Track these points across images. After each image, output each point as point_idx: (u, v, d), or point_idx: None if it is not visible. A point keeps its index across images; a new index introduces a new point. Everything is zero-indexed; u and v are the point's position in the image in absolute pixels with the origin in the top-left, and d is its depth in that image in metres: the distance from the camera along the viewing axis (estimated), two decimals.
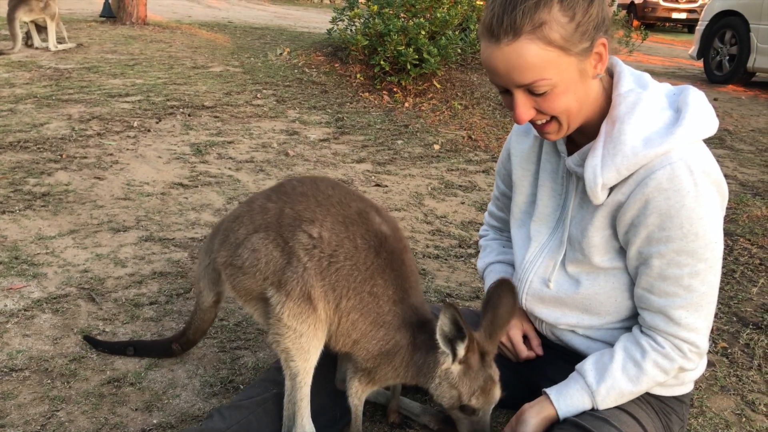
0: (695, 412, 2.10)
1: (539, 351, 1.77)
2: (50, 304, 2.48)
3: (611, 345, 1.62)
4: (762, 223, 3.83)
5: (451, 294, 2.80)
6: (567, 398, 1.57)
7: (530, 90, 1.38)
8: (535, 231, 1.69)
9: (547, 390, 1.60)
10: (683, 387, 1.70)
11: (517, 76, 1.37)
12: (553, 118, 1.44)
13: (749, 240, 3.55)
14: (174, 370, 2.15)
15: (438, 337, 1.55)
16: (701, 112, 1.46)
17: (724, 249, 3.45)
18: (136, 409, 1.95)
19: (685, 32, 19.31)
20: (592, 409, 1.59)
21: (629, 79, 1.49)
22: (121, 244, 3.03)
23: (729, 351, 2.47)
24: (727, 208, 4.38)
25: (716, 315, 2.73)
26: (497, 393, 1.59)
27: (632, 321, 1.63)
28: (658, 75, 10.74)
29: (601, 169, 1.45)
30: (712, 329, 2.61)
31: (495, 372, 1.59)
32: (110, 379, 2.07)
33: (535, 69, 1.35)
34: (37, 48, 7.62)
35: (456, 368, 1.58)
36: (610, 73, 1.54)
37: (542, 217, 1.68)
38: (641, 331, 1.56)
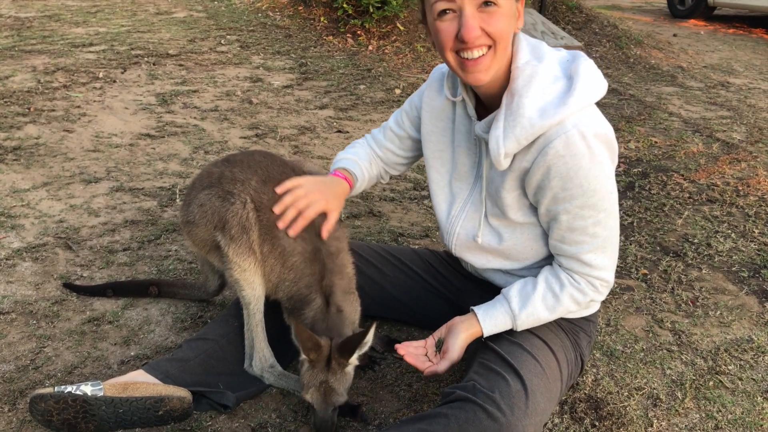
0: (610, 330, 2.40)
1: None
2: (30, 252, 2.68)
3: None
4: (697, 159, 4.11)
5: (404, 233, 3.04)
6: (492, 319, 1.80)
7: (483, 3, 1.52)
8: (457, 188, 1.89)
9: (476, 309, 1.81)
10: (589, 309, 1.98)
11: None
12: (490, 47, 1.58)
13: (683, 175, 3.83)
14: (148, 308, 2.39)
15: (294, 338, 1.83)
16: (590, 80, 1.62)
17: (658, 184, 3.75)
18: (115, 344, 2.20)
19: None
20: (510, 330, 1.86)
21: (526, 50, 1.65)
22: (93, 195, 3.21)
23: (648, 277, 2.76)
24: (666, 145, 4.59)
25: (642, 245, 3.03)
26: (335, 399, 1.77)
27: (547, 262, 1.86)
28: (624, 11, 10.70)
29: (503, 139, 1.62)
30: (636, 258, 2.92)
31: (337, 381, 1.76)
32: (90, 319, 2.31)
33: None
34: None
35: (305, 361, 1.79)
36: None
37: (462, 175, 1.88)
38: (561, 266, 1.78)
